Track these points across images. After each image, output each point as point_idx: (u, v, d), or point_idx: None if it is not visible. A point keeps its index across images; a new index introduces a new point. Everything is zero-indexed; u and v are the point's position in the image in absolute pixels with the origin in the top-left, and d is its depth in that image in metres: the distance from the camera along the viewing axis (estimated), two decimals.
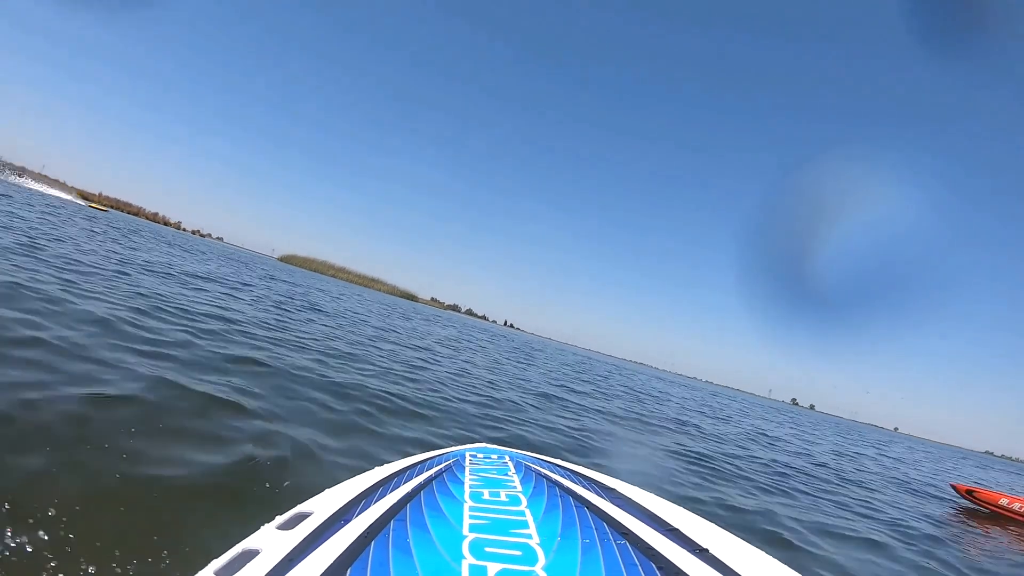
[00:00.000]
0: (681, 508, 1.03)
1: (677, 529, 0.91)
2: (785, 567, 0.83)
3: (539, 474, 1.21)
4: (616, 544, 0.82)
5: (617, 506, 1.01)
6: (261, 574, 0.71)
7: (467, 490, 1.05)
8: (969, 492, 5.95)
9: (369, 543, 0.78)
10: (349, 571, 0.70)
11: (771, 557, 0.85)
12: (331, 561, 0.72)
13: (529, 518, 0.92)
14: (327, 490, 1.03)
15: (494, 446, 1.55)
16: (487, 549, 0.78)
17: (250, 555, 0.77)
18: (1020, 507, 5.43)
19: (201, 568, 0.74)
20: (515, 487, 1.10)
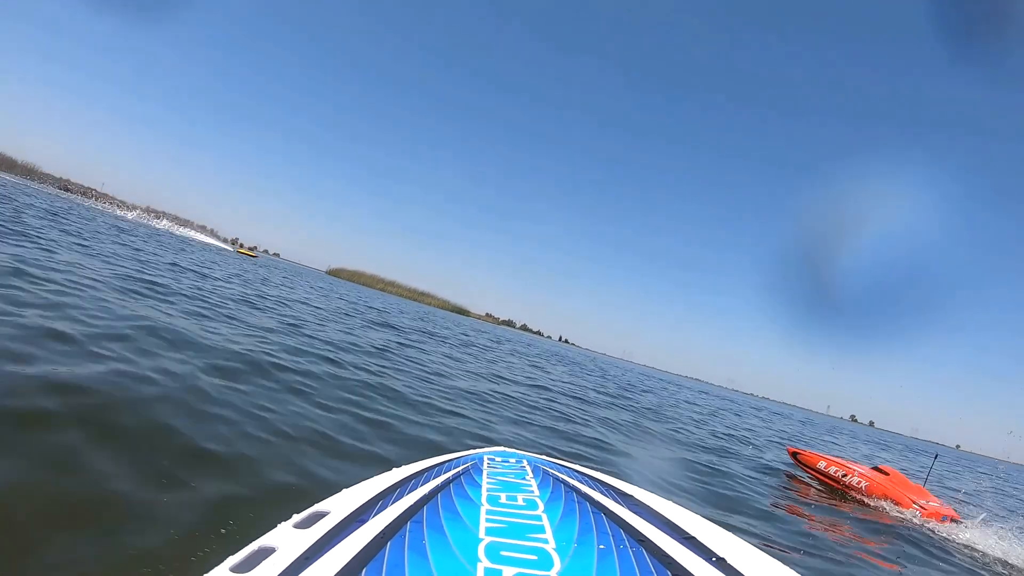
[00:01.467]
0: (698, 516, 1.01)
1: (694, 537, 0.89)
2: None
3: (556, 479, 1.21)
4: (632, 551, 0.81)
5: (634, 512, 1.00)
6: (277, 571, 0.71)
7: (484, 493, 1.05)
8: (795, 455, 5.79)
9: (385, 544, 0.78)
10: (364, 571, 0.70)
11: (789, 568, 0.83)
12: (347, 561, 0.73)
13: (546, 523, 0.91)
14: (344, 490, 1.04)
15: (512, 450, 1.55)
16: (503, 553, 0.78)
17: (266, 552, 0.77)
18: (835, 470, 5.13)
19: (217, 565, 0.74)
20: (532, 491, 1.10)
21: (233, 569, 0.73)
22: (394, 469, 1.19)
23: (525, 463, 1.36)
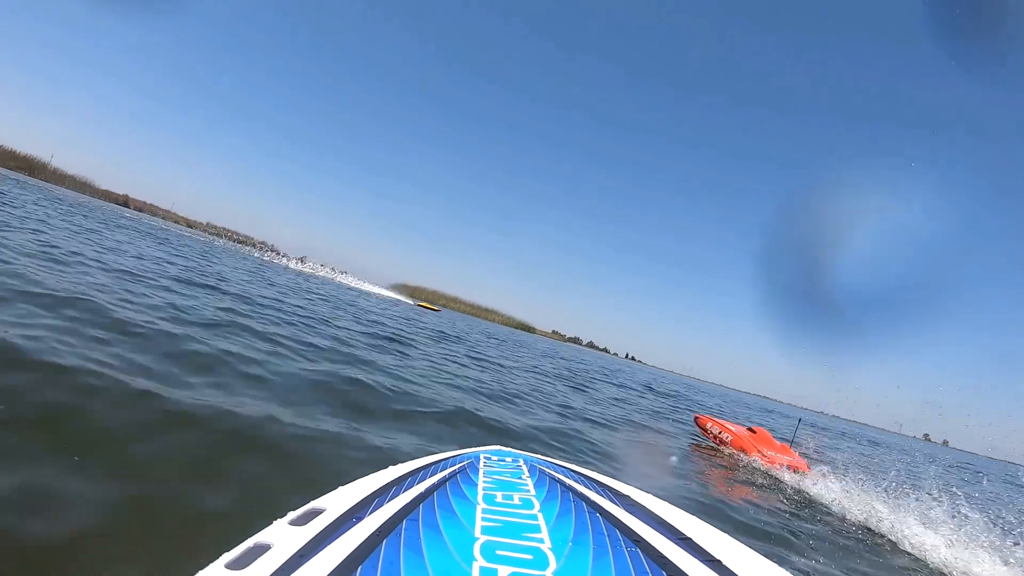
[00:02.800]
0: (694, 517, 1.01)
1: (689, 538, 0.90)
2: None
3: (553, 478, 1.20)
4: (627, 551, 0.81)
5: (630, 513, 1.00)
6: (272, 568, 0.71)
7: (480, 492, 1.05)
8: (696, 419, 6.83)
9: (381, 542, 0.78)
10: (360, 569, 0.70)
11: (785, 571, 0.83)
12: (342, 558, 0.73)
13: (541, 522, 0.91)
14: (340, 487, 1.03)
15: (508, 449, 1.54)
16: (498, 552, 0.78)
17: (262, 549, 0.77)
18: (717, 429, 6.17)
19: (212, 560, 0.74)
20: (528, 491, 1.09)
21: (228, 566, 0.73)
22: (390, 467, 1.19)
23: (521, 462, 1.35)
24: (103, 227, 14.26)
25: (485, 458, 1.35)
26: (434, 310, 38.63)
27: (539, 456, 1.48)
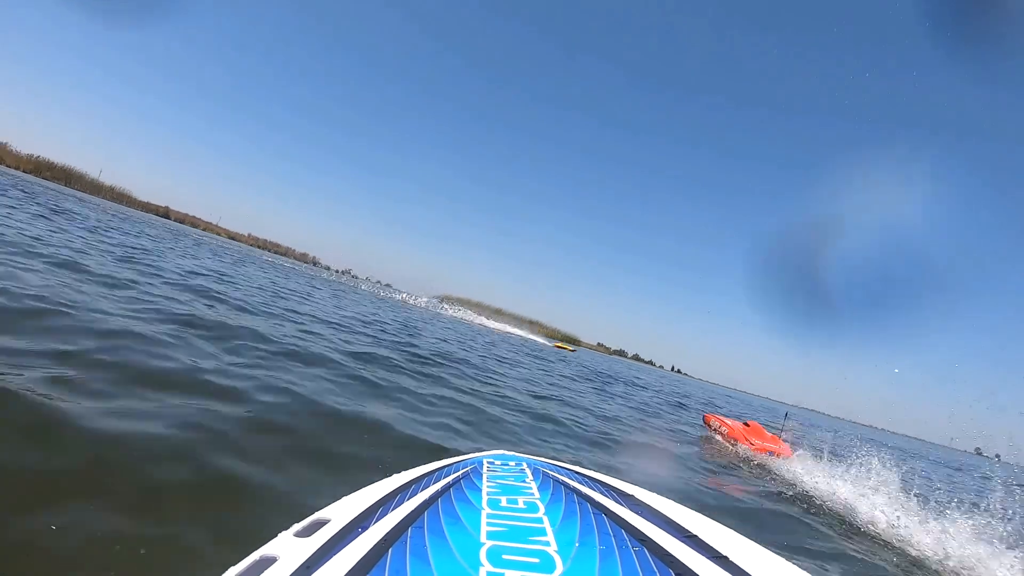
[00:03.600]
0: (700, 514, 1.01)
1: (696, 536, 0.89)
2: (806, 574, 0.80)
3: (556, 481, 1.20)
4: (634, 551, 0.81)
5: (635, 512, 0.99)
6: None
7: (485, 497, 1.05)
8: (703, 416, 8.09)
9: (387, 550, 0.78)
10: None
11: (792, 564, 0.83)
12: (348, 568, 0.72)
13: (547, 525, 0.91)
14: (344, 497, 1.03)
15: (511, 452, 1.54)
16: (504, 557, 0.78)
17: (268, 562, 0.77)
18: (717, 424, 7.40)
19: (219, 575, 0.74)
20: (533, 494, 1.09)
21: None
22: (394, 475, 1.19)
23: (524, 466, 1.35)
24: (246, 263, 16.58)
25: (488, 463, 1.35)
26: (571, 350, 36.55)
27: (542, 459, 1.47)
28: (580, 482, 1.20)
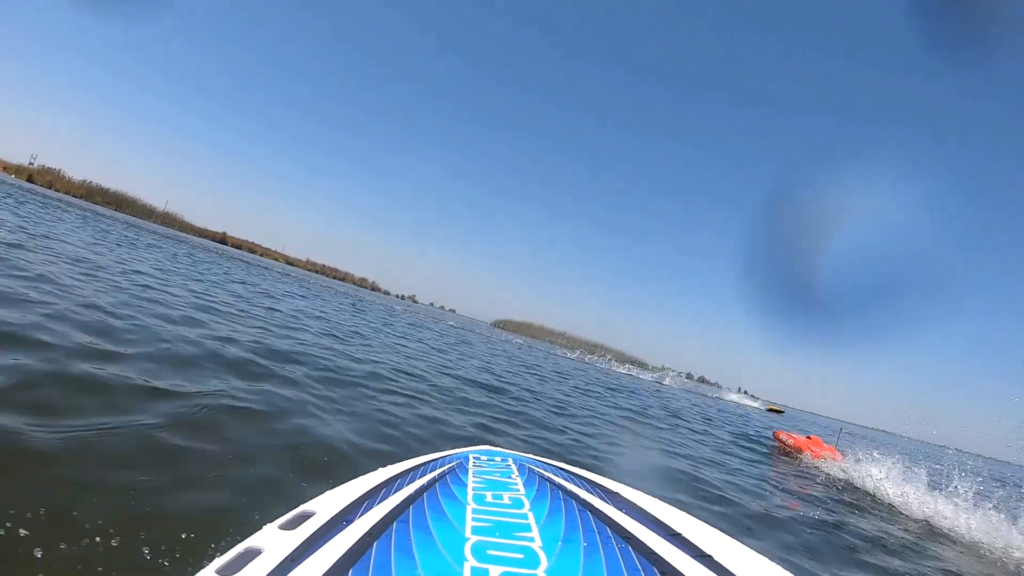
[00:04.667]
0: (685, 513, 1.00)
1: (680, 534, 0.88)
2: (788, 574, 0.79)
3: (542, 477, 1.20)
4: (618, 548, 0.81)
5: (620, 510, 0.99)
6: (263, 573, 0.71)
7: (470, 492, 1.05)
8: (775, 434, 9.66)
9: (371, 544, 0.78)
10: (351, 572, 0.70)
11: (775, 564, 0.81)
12: (333, 562, 0.73)
13: (532, 521, 0.91)
14: (329, 491, 1.04)
15: (497, 448, 1.53)
16: (489, 552, 0.78)
17: (252, 554, 0.77)
18: (786, 439, 8.89)
19: (203, 567, 0.74)
20: (518, 490, 1.09)
21: (219, 571, 0.74)
22: (379, 469, 1.20)
23: (511, 461, 1.35)
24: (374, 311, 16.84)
25: (474, 458, 1.35)
26: (779, 412, 34.55)
27: (528, 455, 1.47)
28: (566, 479, 1.20)
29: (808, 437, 8.89)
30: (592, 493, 1.09)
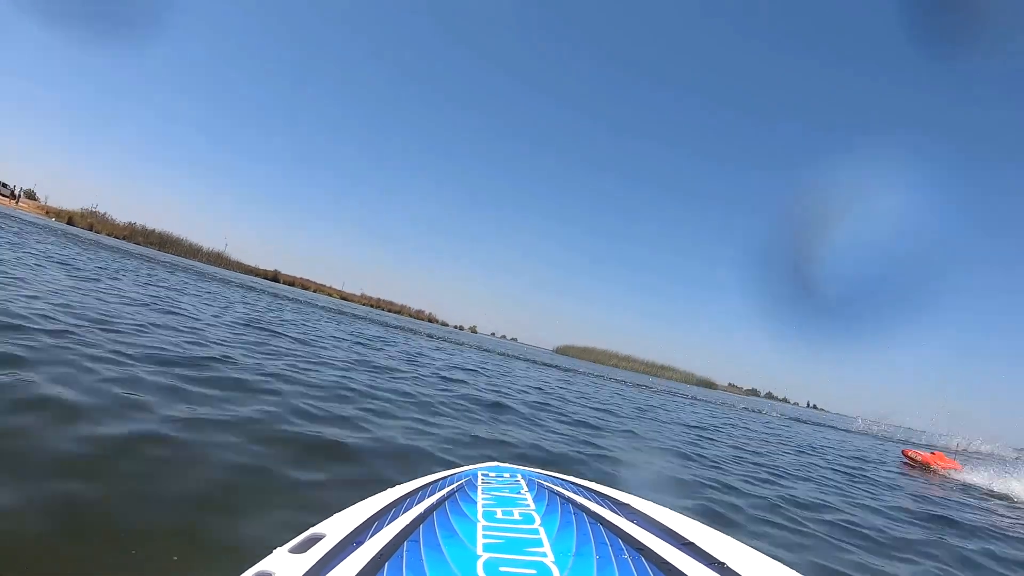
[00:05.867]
0: (697, 522, 0.98)
1: (692, 543, 0.87)
2: None
3: (552, 491, 1.19)
4: (631, 559, 0.80)
5: (631, 521, 0.98)
6: None
7: (480, 509, 1.05)
8: (904, 452, 11.36)
9: (383, 565, 0.78)
10: None
11: (792, 571, 0.80)
12: None
13: (543, 536, 0.90)
14: (339, 512, 1.04)
15: (505, 464, 1.53)
16: (501, 568, 0.77)
17: None
18: (914, 455, 10.71)
19: None
20: (528, 505, 1.08)
21: None
22: (388, 489, 1.20)
23: (519, 477, 1.34)
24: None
25: (483, 475, 1.35)
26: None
27: (536, 470, 1.46)
28: (575, 492, 1.19)
29: (932, 452, 11.04)
30: (602, 505, 1.08)
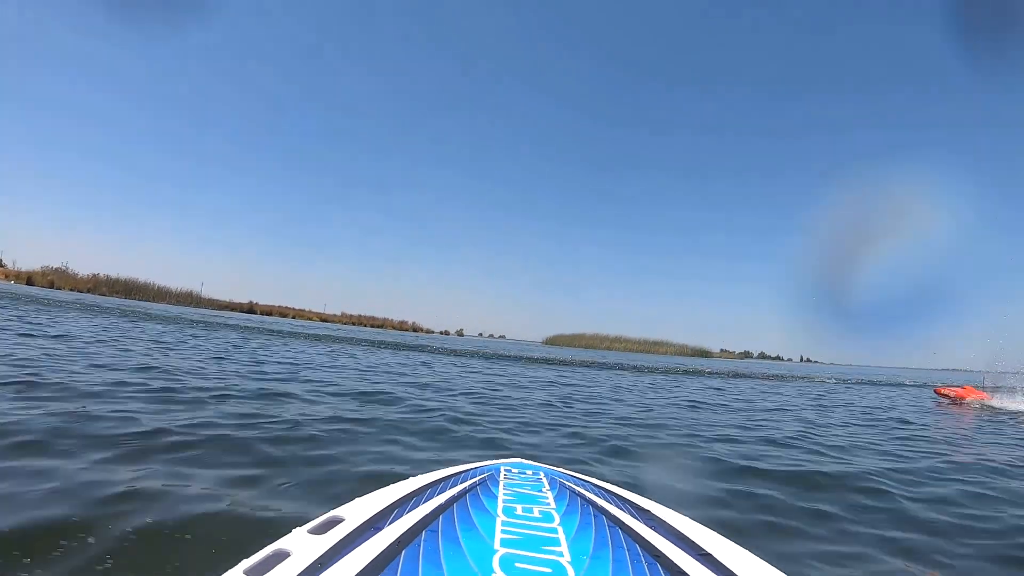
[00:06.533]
0: (716, 533, 0.98)
1: (710, 554, 0.87)
2: None
3: (573, 492, 1.18)
4: (646, 565, 0.80)
5: (650, 527, 0.98)
6: None
7: (500, 505, 1.05)
8: (935, 390, 12.84)
9: (400, 552, 0.78)
10: None
11: None
12: (361, 567, 0.73)
13: (561, 535, 0.90)
14: (360, 498, 1.04)
15: (529, 461, 1.52)
16: (517, 564, 0.77)
17: (281, 556, 0.78)
18: (946, 390, 12.29)
19: (231, 567, 0.75)
20: (549, 504, 1.08)
21: (247, 572, 0.75)
22: (411, 478, 1.20)
23: (542, 475, 1.34)
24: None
25: (506, 470, 1.35)
26: None
27: (559, 469, 1.46)
28: (596, 494, 1.19)
29: (962, 387, 12.46)
30: (623, 509, 1.08)
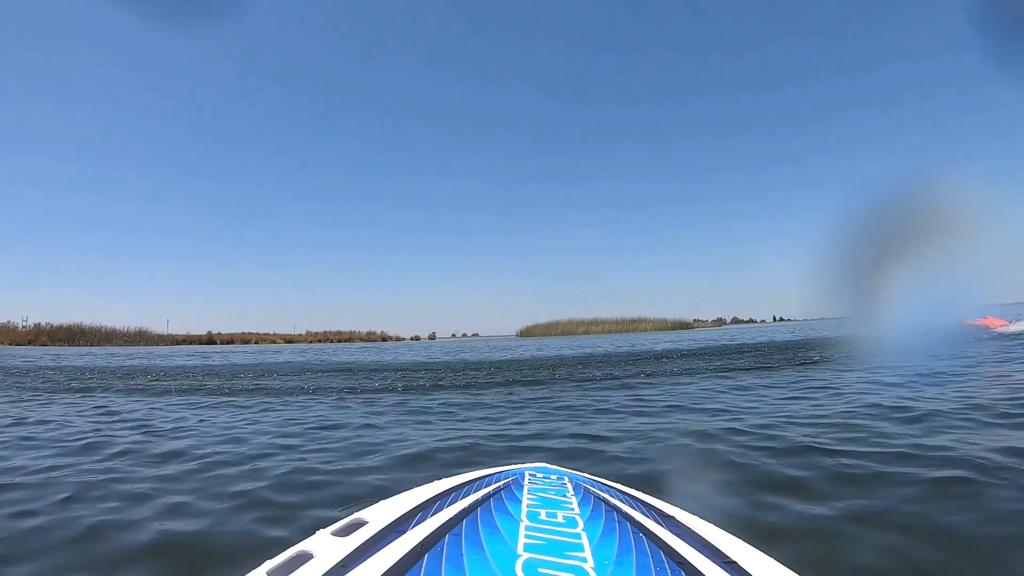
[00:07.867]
0: (741, 541, 0.97)
1: (735, 562, 0.86)
2: None
3: (597, 497, 1.17)
4: (670, 572, 0.80)
5: (674, 534, 0.97)
6: None
7: (524, 509, 1.04)
8: (961, 321, 12.92)
9: (423, 555, 0.78)
10: None
11: None
12: (384, 570, 0.73)
13: (585, 541, 0.89)
14: (383, 500, 1.03)
15: (554, 466, 1.51)
16: (540, 570, 0.77)
17: (304, 558, 0.78)
18: (972, 320, 13.52)
19: (255, 567, 0.75)
20: (573, 509, 1.07)
21: (271, 573, 0.74)
22: (435, 481, 1.19)
23: (566, 480, 1.33)
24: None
25: (530, 475, 1.34)
26: None
27: (583, 474, 1.45)
28: (621, 500, 1.18)
29: (985, 318, 14.12)
30: (647, 516, 1.07)
